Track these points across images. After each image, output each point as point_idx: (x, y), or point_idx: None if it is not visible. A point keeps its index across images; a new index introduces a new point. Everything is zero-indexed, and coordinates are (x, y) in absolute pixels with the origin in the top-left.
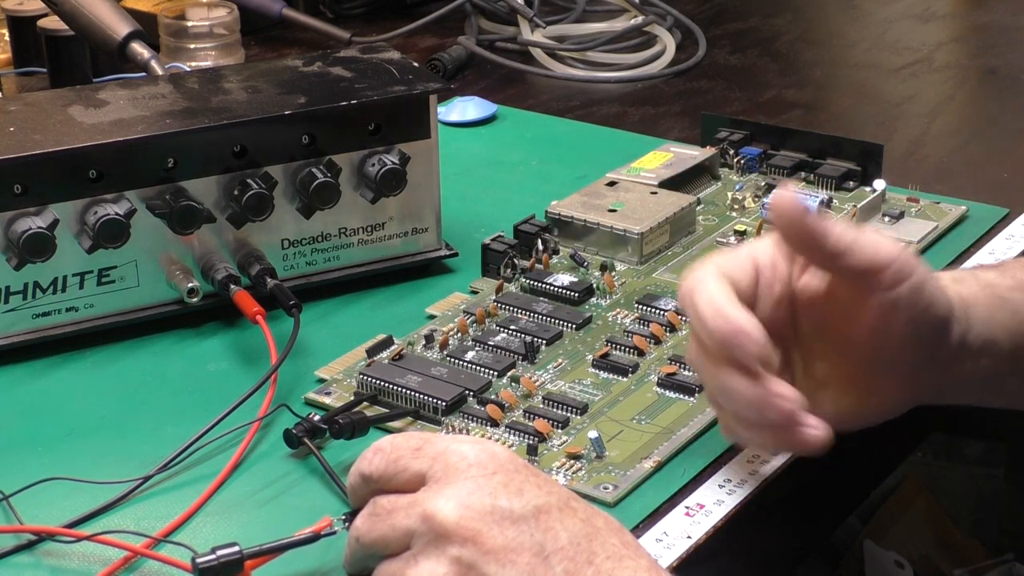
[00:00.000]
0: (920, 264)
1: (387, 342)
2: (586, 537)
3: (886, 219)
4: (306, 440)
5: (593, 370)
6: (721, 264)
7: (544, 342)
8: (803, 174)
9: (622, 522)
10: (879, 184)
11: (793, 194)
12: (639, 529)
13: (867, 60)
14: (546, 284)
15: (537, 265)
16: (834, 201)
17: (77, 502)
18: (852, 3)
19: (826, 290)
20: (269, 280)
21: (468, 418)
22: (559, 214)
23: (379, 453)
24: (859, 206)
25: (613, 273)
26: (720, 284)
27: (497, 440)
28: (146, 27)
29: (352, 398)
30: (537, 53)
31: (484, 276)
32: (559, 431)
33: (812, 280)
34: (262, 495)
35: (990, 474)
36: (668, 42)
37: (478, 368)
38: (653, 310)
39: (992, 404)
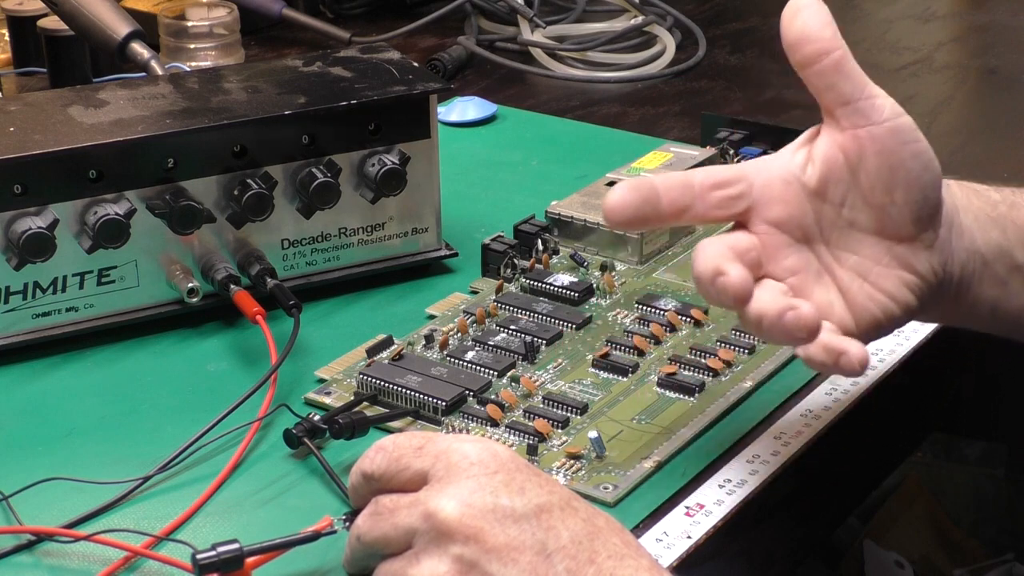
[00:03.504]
0: (904, 115)
1: (387, 342)
2: (588, 536)
3: None
4: (306, 440)
5: (593, 370)
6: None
7: (544, 342)
8: None
9: (622, 522)
10: None
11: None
12: (639, 529)
13: (867, 60)
14: (546, 284)
15: (537, 265)
16: None
17: (77, 502)
18: (852, 3)
19: (825, 167)
20: (269, 280)
21: (468, 418)
22: (559, 214)
23: (381, 452)
24: None
25: (613, 273)
26: (711, 246)
27: (497, 440)
28: (146, 27)
29: (352, 398)
30: (537, 53)
31: (484, 276)
32: (559, 431)
33: (813, 171)
34: (262, 495)
35: (990, 474)
36: (668, 42)
37: (478, 368)
38: (653, 310)
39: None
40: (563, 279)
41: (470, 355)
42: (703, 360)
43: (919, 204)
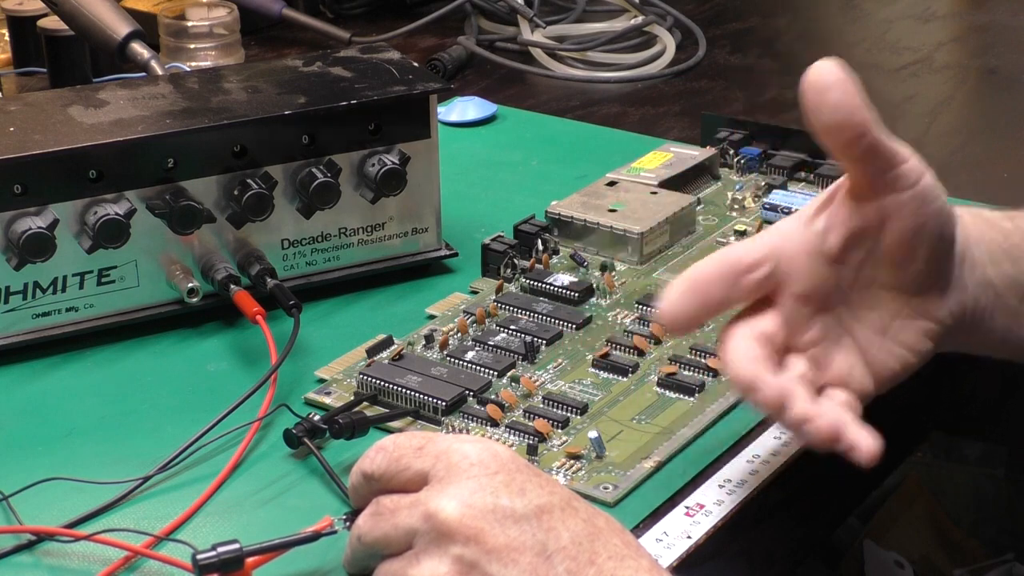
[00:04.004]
0: (926, 173)
1: (387, 342)
2: (588, 537)
3: None
4: (306, 440)
5: (593, 370)
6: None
7: (544, 342)
8: (803, 174)
9: (622, 522)
10: None
11: (833, 67)
12: (639, 529)
13: (867, 60)
14: (546, 284)
15: (537, 265)
16: None
17: (77, 502)
18: (852, 3)
19: (847, 236)
20: (269, 280)
21: (468, 418)
22: (559, 214)
23: (381, 452)
24: None
25: (613, 273)
26: (742, 343)
27: (497, 440)
28: (146, 27)
29: (352, 398)
30: (537, 53)
31: (484, 276)
32: (559, 431)
33: (834, 237)
34: (262, 495)
35: (990, 474)
36: (668, 42)
37: (478, 368)
38: (653, 310)
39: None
40: (563, 279)
41: (470, 355)
42: (703, 360)
43: (941, 258)
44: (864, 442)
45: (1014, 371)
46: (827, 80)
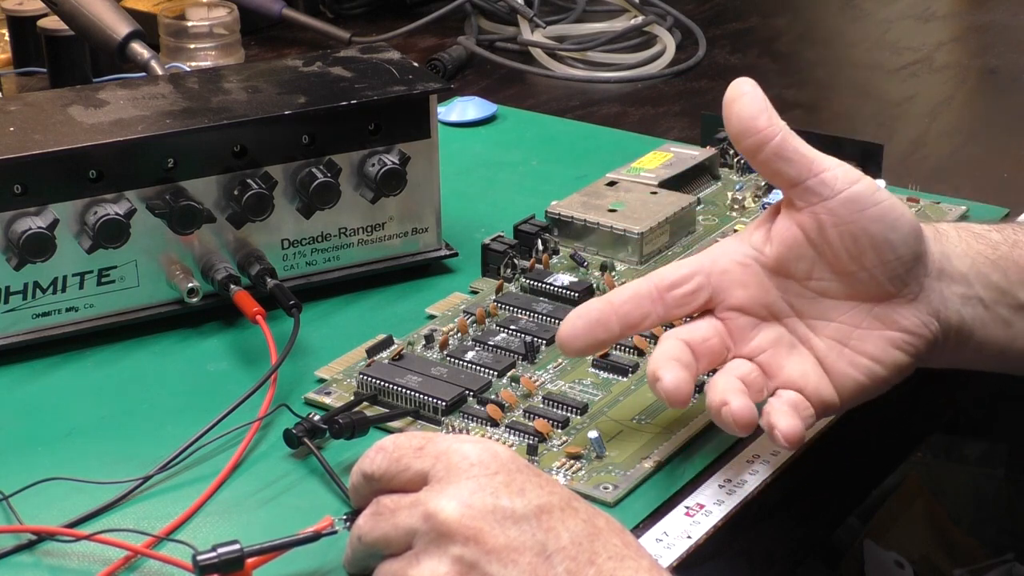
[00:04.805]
0: (861, 181)
1: (387, 342)
2: (588, 537)
3: None
4: (306, 440)
5: (593, 370)
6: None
7: (544, 342)
8: None
9: (622, 522)
10: (879, 184)
11: (746, 88)
12: (639, 529)
13: (867, 60)
14: (546, 284)
15: (537, 265)
16: None
17: (77, 502)
18: (852, 3)
19: (784, 246)
20: (269, 280)
21: (468, 418)
22: (559, 214)
23: (381, 452)
24: None
25: (613, 273)
26: (665, 343)
27: (497, 440)
28: (146, 27)
29: (352, 398)
30: (537, 53)
31: (484, 276)
32: (559, 431)
33: (773, 248)
34: (262, 495)
35: (990, 474)
36: (668, 42)
37: (478, 368)
38: None
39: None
40: (563, 279)
41: (470, 355)
42: None
43: (892, 263)
44: (783, 422)
45: None
46: (737, 92)
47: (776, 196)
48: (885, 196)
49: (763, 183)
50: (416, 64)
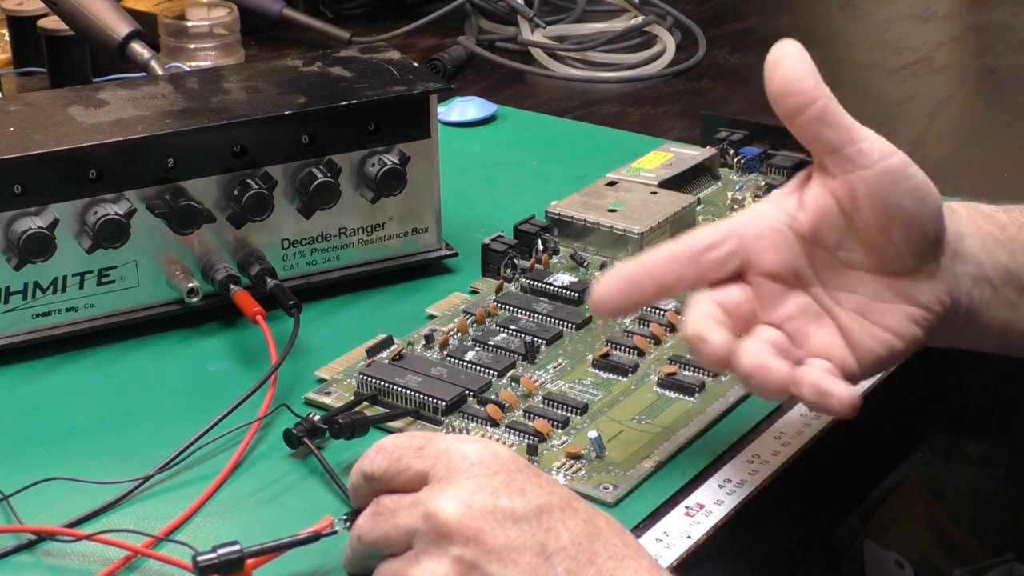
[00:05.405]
0: (896, 154)
1: (387, 342)
2: (588, 537)
3: None
4: (306, 440)
5: (593, 370)
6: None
7: (544, 342)
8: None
9: (622, 522)
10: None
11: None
12: (639, 529)
13: (867, 60)
14: (546, 284)
15: (537, 265)
16: None
17: (77, 502)
18: (852, 3)
19: (817, 214)
20: (269, 280)
21: (468, 418)
22: (559, 214)
23: (381, 452)
24: None
25: None
26: (701, 304)
27: (497, 440)
28: (146, 27)
29: (352, 398)
30: (537, 53)
31: (484, 276)
32: (559, 431)
33: (803, 218)
34: (262, 495)
35: (990, 474)
36: (668, 42)
37: (478, 368)
38: (653, 310)
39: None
40: (563, 279)
41: (470, 355)
42: None
43: (918, 239)
44: (840, 389)
45: (1014, 370)
46: (783, 52)
47: None
48: (918, 171)
49: (763, 183)
50: (416, 64)
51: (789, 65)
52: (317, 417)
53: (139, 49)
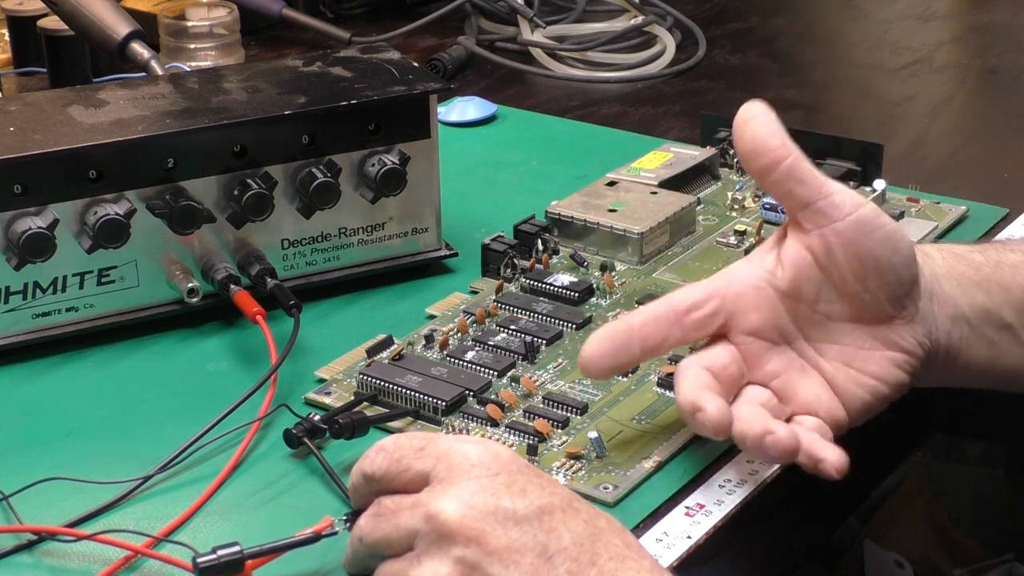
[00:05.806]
0: (866, 204)
1: (387, 342)
2: (589, 538)
3: None
4: (306, 440)
5: None
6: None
7: (544, 342)
8: None
9: (622, 522)
10: (879, 184)
11: (761, 111)
12: (639, 529)
13: (867, 60)
14: (546, 284)
15: (537, 265)
16: None
17: (77, 502)
18: (852, 3)
19: (796, 269)
20: (269, 280)
21: (468, 418)
22: (559, 214)
23: (382, 452)
24: None
25: (613, 273)
26: (690, 372)
27: (497, 440)
28: (146, 27)
29: (352, 398)
30: (537, 53)
31: (484, 276)
32: (559, 431)
33: (784, 275)
34: (262, 495)
35: (990, 474)
36: (668, 42)
37: (478, 368)
38: None
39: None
40: (563, 279)
41: (470, 355)
42: None
43: (894, 285)
44: (831, 455)
45: None
46: (751, 113)
47: None
48: (888, 220)
49: None
50: (416, 64)
51: (757, 125)
52: (317, 417)
53: (139, 49)
